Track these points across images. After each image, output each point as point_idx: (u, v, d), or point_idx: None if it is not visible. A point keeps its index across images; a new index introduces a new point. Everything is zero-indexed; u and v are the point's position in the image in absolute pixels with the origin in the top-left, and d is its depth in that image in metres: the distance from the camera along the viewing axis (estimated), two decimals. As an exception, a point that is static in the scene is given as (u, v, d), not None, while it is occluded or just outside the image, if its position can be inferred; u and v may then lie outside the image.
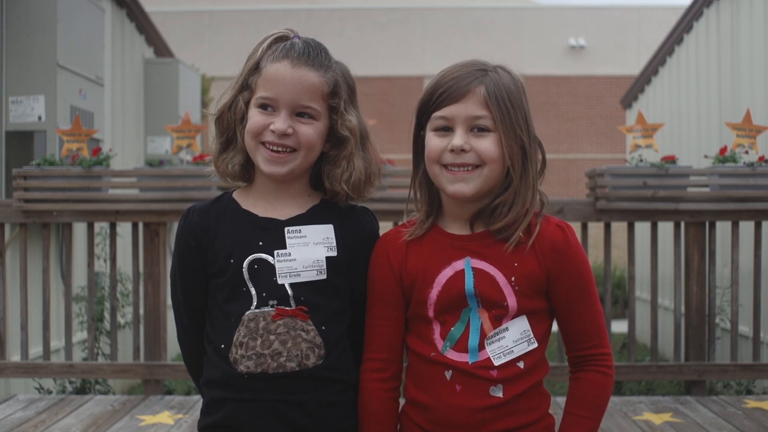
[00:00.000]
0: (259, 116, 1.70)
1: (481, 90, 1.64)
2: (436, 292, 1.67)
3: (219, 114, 1.75)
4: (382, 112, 16.38)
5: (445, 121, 1.66)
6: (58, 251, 5.49)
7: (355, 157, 1.76)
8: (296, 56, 1.70)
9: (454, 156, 1.64)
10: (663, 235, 5.41)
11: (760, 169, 4.30)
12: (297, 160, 1.71)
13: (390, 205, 4.37)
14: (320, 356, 1.69)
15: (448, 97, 1.65)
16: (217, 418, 1.71)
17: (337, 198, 1.77)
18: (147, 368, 4.52)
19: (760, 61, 5.59)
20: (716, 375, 4.48)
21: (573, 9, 18.37)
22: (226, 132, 1.76)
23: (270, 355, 1.67)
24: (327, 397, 1.70)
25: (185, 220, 1.78)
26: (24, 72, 5.25)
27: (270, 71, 1.70)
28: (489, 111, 1.63)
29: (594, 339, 1.69)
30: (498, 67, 1.70)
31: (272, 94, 1.69)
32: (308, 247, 1.72)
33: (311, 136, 1.71)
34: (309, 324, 1.69)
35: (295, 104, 1.69)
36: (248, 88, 1.73)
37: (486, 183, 1.65)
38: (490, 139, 1.63)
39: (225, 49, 17.02)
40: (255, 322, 1.68)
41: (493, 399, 1.63)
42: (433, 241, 1.72)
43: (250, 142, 1.71)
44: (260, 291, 1.69)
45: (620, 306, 10.34)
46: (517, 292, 1.64)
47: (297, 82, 1.68)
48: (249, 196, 1.78)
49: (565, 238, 1.68)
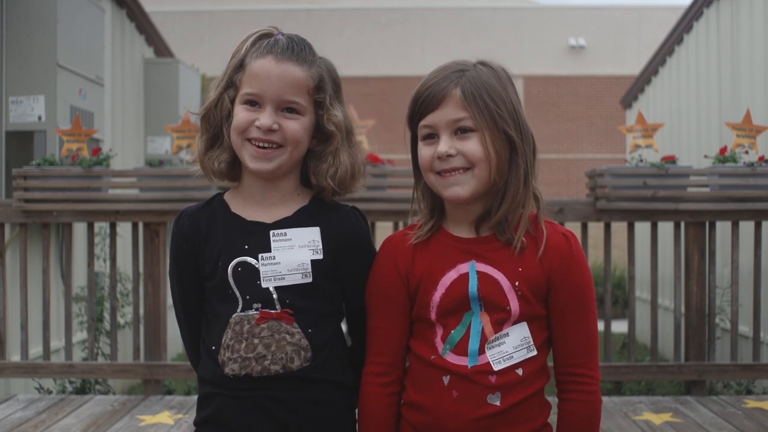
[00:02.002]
0: (244, 113, 1.69)
1: (456, 92, 1.64)
2: (440, 294, 1.66)
3: (205, 112, 1.74)
4: (382, 112, 16.38)
5: (430, 129, 1.67)
6: (58, 251, 5.49)
7: (340, 152, 1.75)
8: (280, 51, 1.69)
9: (442, 162, 1.64)
10: (663, 235, 5.40)
11: (760, 169, 4.30)
12: (283, 156, 1.70)
13: (390, 205, 4.37)
14: (306, 358, 1.69)
15: (428, 105, 1.66)
16: (206, 413, 1.73)
17: (324, 194, 1.77)
18: (147, 368, 4.52)
19: (760, 61, 5.59)
20: (716, 375, 4.48)
21: (573, 9, 18.38)
22: (212, 130, 1.74)
23: (254, 358, 1.67)
24: (313, 395, 1.70)
25: (177, 224, 1.79)
26: (24, 72, 5.25)
27: (254, 67, 1.69)
28: (468, 111, 1.63)
29: (581, 357, 1.66)
30: (479, 63, 1.69)
31: (257, 89, 1.68)
32: (293, 250, 1.71)
33: (297, 131, 1.70)
34: (294, 327, 1.68)
35: (280, 99, 1.68)
36: (233, 85, 1.72)
37: (480, 183, 1.64)
38: (474, 139, 1.63)
39: (225, 49, 16.85)
40: (240, 325, 1.68)
41: (490, 407, 1.61)
42: (439, 243, 1.71)
43: (236, 139, 1.70)
44: (244, 294, 1.69)
45: (620, 306, 10.34)
46: (520, 297, 1.64)
47: (281, 76, 1.68)
48: (238, 197, 1.78)
49: (569, 248, 1.67)
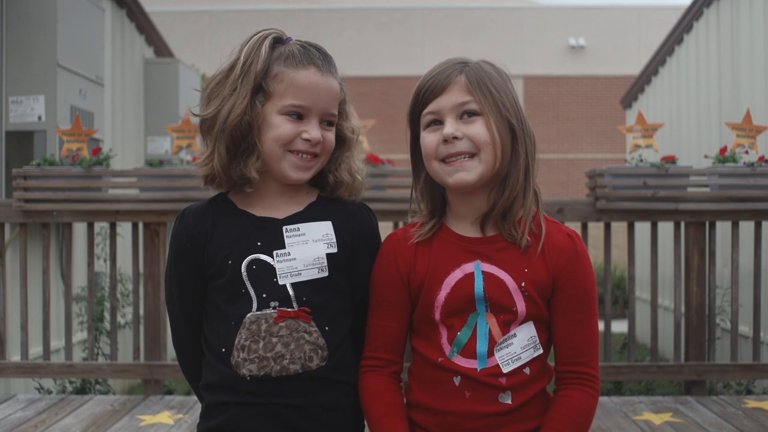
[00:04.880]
0: (288, 124, 1.67)
1: (461, 78, 1.65)
2: (444, 294, 1.65)
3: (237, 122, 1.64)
4: (382, 112, 16.40)
5: (434, 115, 1.67)
6: (58, 251, 5.49)
7: (355, 157, 1.78)
8: (321, 63, 1.69)
9: (448, 146, 1.64)
10: (663, 235, 5.40)
11: (760, 169, 4.30)
12: (318, 165, 1.72)
13: (390, 205, 4.36)
14: (323, 357, 1.67)
15: (432, 91, 1.66)
16: (217, 422, 1.69)
17: (341, 189, 1.77)
18: (147, 368, 4.52)
19: (760, 61, 5.59)
20: (716, 375, 4.48)
21: (573, 9, 18.38)
22: (241, 140, 1.66)
23: (273, 358, 1.64)
24: (330, 401, 1.68)
25: (181, 222, 1.75)
26: (24, 72, 5.25)
27: (299, 78, 1.66)
28: (473, 96, 1.64)
29: (584, 356, 1.67)
30: (480, 61, 1.71)
31: (305, 102, 1.67)
32: (308, 245, 1.70)
33: (333, 142, 1.73)
34: (312, 325, 1.67)
35: (325, 112, 1.70)
36: (262, 91, 1.67)
37: (486, 168, 1.64)
38: (480, 122, 1.64)
39: (225, 49, 16.84)
40: (257, 324, 1.65)
41: (502, 406, 1.62)
42: (442, 242, 1.70)
43: (278, 150, 1.67)
44: (260, 292, 1.67)
45: (620, 306, 10.34)
46: (527, 297, 1.63)
47: (327, 90, 1.69)
48: (245, 196, 1.75)
49: (574, 248, 1.67)
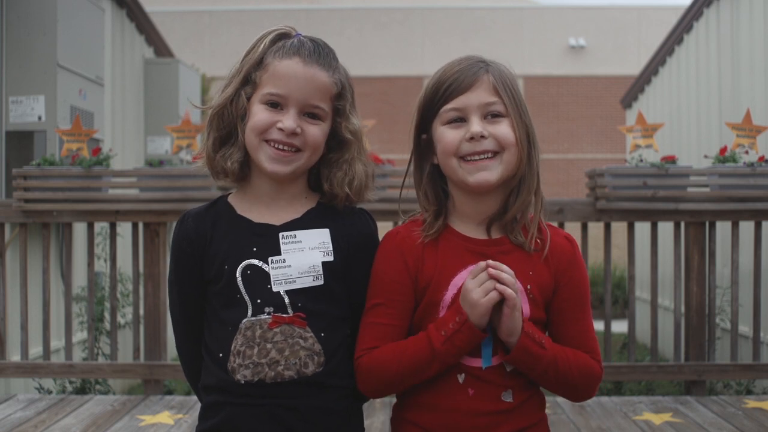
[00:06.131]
0: (265, 113, 1.65)
1: (489, 78, 1.65)
2: (451, 294, 1.64)
3: (220, 108, 1.68)
4: (382, 112, 16.39)
5: (458, 112, 1.65)
6: (58, 251, 5.49)
7: (356, 161, 1.73)
8: (307, 54, 1.66)
9: (473, 144, 1.63)
10: (663, 235, 5.40)
11: (760, 169, 4.30)
12: (301, 161, 1.67)
13: (390, 205, 4.35)
14: (320, 363, 1.65)
15: (457, 88, 1.64)
16: (214, 422, 1.68)
17: (336, 201, 1.73)
18: (147, 368, 4.52)
19: (760, 61, 5.59)
20: (716, 375, 4.48)
21: (573, 9, 18.37)
22: (226, 128, 1.68)
23: (267, 364, 1.63)
24: (327, 404, 1.66)
25: (181, 226, 1.74)
26: (24, 72, 5.26)
27: (280, 67, 1.64)
28: (499, 97, 1.64)
29: (588, 350, 1.68)
30: (493, 61, 1.71)
31: (282, 90, 1.64)
32: (303, 252, 1.67)
33: (317, 137, 1.67)
34: (307, 331, 1.65)
35: (304, 103, 1.65)
36: (251, 82, 1.67)
37: (508, 169, 1.64)
38: (505, 123, 1.64)
39: (225, 49, 17.03)
40: (251, 330, 1.64)
41: (504, 404, 1.63)
42: (448, 242, 1.68)
43: (254, 139, 1.65)
44: (254, 298, 1.65)
45: (620, 306, 10.34)
46: (531, 300, 1.64)
47: (309, 80, 1.64)
48: (244, 200, 1.74)
49: (573, 251, 1.70)
